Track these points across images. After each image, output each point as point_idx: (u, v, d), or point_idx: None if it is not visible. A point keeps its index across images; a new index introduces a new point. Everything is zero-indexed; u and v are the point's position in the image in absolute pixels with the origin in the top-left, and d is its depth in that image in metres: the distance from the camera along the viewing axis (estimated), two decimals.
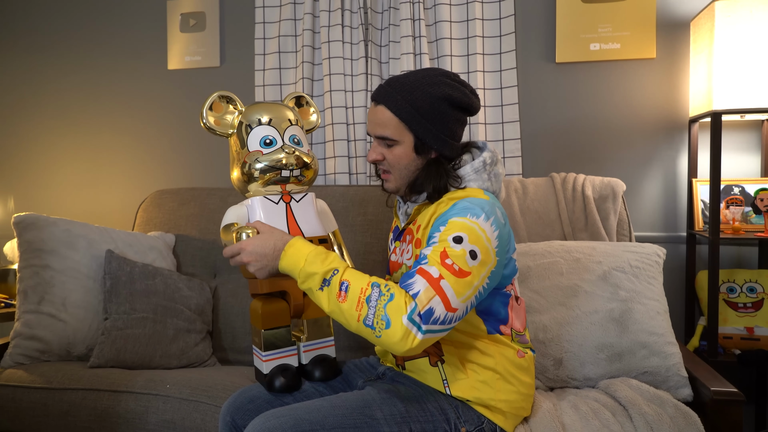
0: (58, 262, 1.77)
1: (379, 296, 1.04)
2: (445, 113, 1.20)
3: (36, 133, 2.62)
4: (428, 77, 1.21)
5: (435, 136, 1.20)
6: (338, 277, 1.07)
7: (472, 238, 1.09)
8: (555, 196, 1.91)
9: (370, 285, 1.06)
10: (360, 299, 1.04)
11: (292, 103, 1.48)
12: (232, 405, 1.28)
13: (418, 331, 1.02)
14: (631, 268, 1.59)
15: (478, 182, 1.22)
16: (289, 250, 1.12)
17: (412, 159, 1.22)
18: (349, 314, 1.05)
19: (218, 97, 1.35)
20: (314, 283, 1.08)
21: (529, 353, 1.27)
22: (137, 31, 2.51)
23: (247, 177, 1.31)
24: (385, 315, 1.03)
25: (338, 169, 2.21)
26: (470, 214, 1.12)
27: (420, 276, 1.06)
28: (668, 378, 1.46)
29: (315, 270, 1.08)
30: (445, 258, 1.07)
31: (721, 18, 1.79)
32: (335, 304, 1.06)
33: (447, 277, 1.05)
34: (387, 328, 1.02)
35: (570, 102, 2.18)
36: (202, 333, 1.84)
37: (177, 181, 2.50)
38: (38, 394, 1.56)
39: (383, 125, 1.21)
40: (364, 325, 1.04)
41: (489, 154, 1.25)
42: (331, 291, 1.06)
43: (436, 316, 1.03)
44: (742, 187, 1.98)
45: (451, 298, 1.05)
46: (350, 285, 1.06)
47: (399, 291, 1.05)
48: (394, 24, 2.18)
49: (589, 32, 2.13)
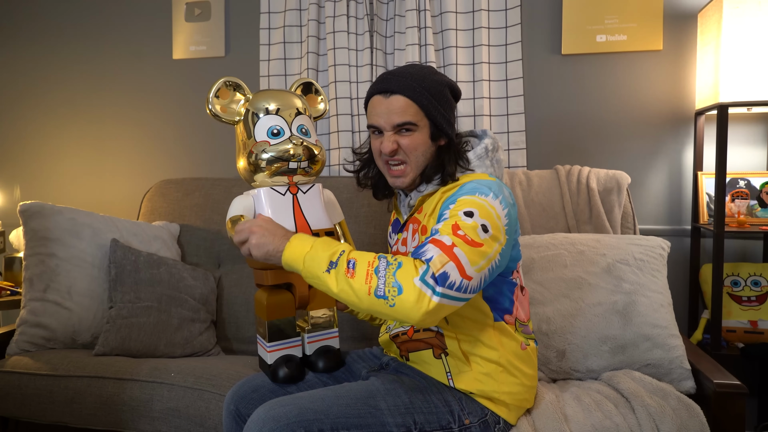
0: (63, 251, 1.78)
1: (387, 265, 1.03)
2: (450, 101, 1.25)
3: (41, 123, 2.62)
4: (425, 68, 1.25)
5: (448, 122, 1.23)
6: (345, 257, 1.05)
7: (482, 213, 1.10)
8: (559, 189, 1.91)
9: (377, 257, 1.05)
10: (368, 272, 1.02)
11: (300, 90, 1.46)
12: (236, 394, 1.29)
13: (433, 294, 1.00)
14: (635, 261, 1.59)
15: (481, 168, 1.24)
16: (295, 241, 1.11)
17: (429, 146, 1.23)
18: (359, 289, 1.02)
19: (225, 83, 1.33)
20: (321, 267, 1.05)
21: (531, 344, 1.27)
22: (142, 20, 2.50)
23: (253, 167, 1.29)
24: (396, 281, 1.00)
25: (343, 159, 2.21)
26: (478, 193, 1.13)
27: (432, 244, 1.05)
28: (671, 370, 1.46)
29: (321, 254, 1.07)
30: (457, 230, 1.06)
31: (729, 10, 1.78)
32: (344, 282, 1.03)
33: (460, 245, 1.04)
34: (399, 294, 1.00)
35: (575, 94, 2.17)
36: (206, 322, 1.85)
37: (182, 171, 2.50)
38: (44, 381, 1.58)
39: (402, 112, 1.20)
40: (375, 296, 1.01)
41: (490, 140, 1.27)
42: (339, 270, 1.04)
43: (451, 281, 1.01)
44: (747, 180, 1.97)
45: (465, 265, 1.03)
46: (357, 261, 1.04)
47: (408, 259, 1.04)
48: (399, 15, 2.17)
49: (595, 24, 2.12)
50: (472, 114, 2.15)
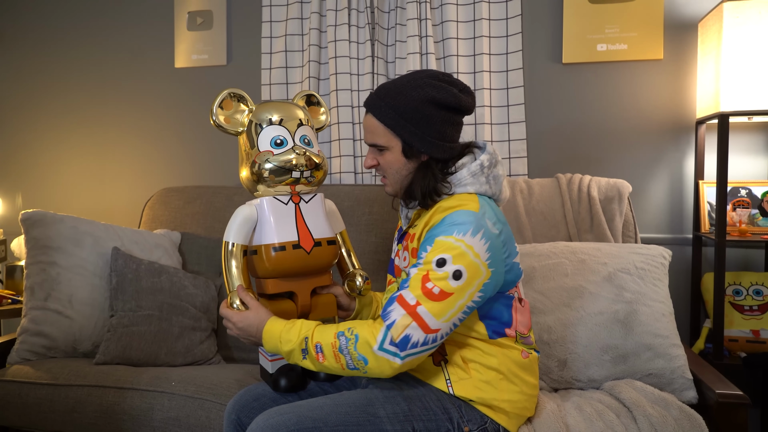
0: (64, 259, 1.78)
1: (346, 342, 1.11)
2: (430, 115, 1.19)
3: (43, 131, 2.64)
4: (413, 80, 1.21)
5: (421, 139, 1.20)
6: (311, 343, 1.14)
7: (456, 259, 1.10)
8: (560, 197, 1.91)
9: (336, 336, 1.13)
10: (334, 353, 1.12)
11: (302, 101, 1.47)
12: (238, 403, 1.28)
13: (395, 358, 1.08)
14: (636, 270, 1.59)
15: (475, 186, 1.22)
16: (265, 336, 1.18)
17: (403, 163, 1.24)
18: (334, 367, 1.13)
19: (229, 94, 1.34)
20: (297, 357, 1.16)
21: (533, 354, 1.27)
22: (145, 28, 2.52)
23: (256, 177, 1.29)
24: (360, 355, 1.10)
25: (344, 168, 2.21)
26: (456, 231, 1.12)
27: (398, 304, 1.11)
28: (673, 380, 1.46)
29: (291, 347, 1.15)
30: (426, 282, 1.11)
31: (730, 19, 1.78)
32: (320, 365, 1.14)
33: (424, 302, 1.09)
34: (367, 364, 1.10)
35: (576, 103, 2.17)
36: (207, 331, 1.85)
37: (183, 179, 2.51)
38: (44, 390, 1.58)
39: (372, 133, 1.24)
40: (349, 369, 1.12)
41: (487, 156, 1.24)
42: (311, 357, 1.14)
43: (414, 341, 1.08)
44: (749, 189, 1.97)
45: (429, 321, 1.09)
46: (322, 344, 1.13)
47: (363, 327, 1.12)
48: (400, 23, 2.18)
49: (596, 33, 2.12)
50: (473, 122, 2.15)
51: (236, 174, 2.46)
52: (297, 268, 1.28)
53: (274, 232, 1.26)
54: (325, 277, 1.35)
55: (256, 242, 1.28)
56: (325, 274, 1.35)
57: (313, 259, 1.29)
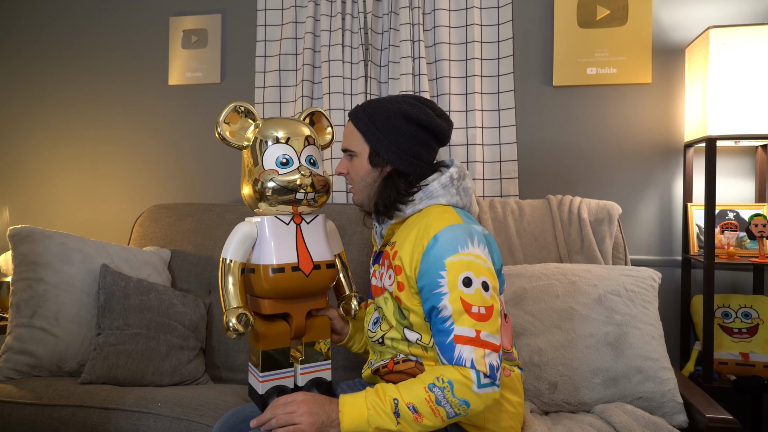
0: (52, 276, 1.76)
1: (443, 392, 1.07)
2: (400, 127, 1.23)
3: (34, 144, 2.62)
4: (396, 97, 1.28)
5: (387, 147, 1.24)
6: (402, 404, 1.08)
7: (477, 272, 1.12)
8: (551, 218, 1.92)
9: (427, 389, 1.08)
10: (432, 407, 1.07)
11: (308, 119, 1.46)
12: (225, 425, 1.26)
13: (494, 387, 1.08)
14: (626, 292, 1.59)
15: (446, 197, 1.24)
16: (345, 409, 1.10)
17: (368, 170, 1.27)
18: (434, 424, 1.08)
19: (236, 108, 1.31)
20: (390, 424, 1.08)
21: (516, 371, 1.26)
22: (140, 45, 2.53)
23: (259, 195, 1.27)
24: (461, 400, 1.07)
25: (336, 187, 2.21)
26: (460, 247, 1.13)
27: (460, 344, 1.08)
28: (663, 404, 1.46)
29: (380, 413, 1.08)
30: (469, 308, 1.09)
31: (716, 45, 1.82)
32: (418, 425, 1.08)
33: (482, 327, 1.09)
34: (469, 407, 1.07)
35: (567, 125, 2.20)
36: (195, 350, 1.83)
37: (174, 196, 2.50)
38: (27, 410, 1.54)
39: (347, 138, 1.31)
40: (449, 419, 1.08)
41: (456, 169, 1.27)
42: (406, 419, 1.08)
43: (496, 364, 1.09)
44: (736, 212, 1.99)
45: (494, 340, 1.09)
46: (416, 404, 1.08)
47: (450, 371, 1.08)
48: (393, 44, 2.20)
49: (586, 56, 2.16)
50: (465, 143, 2.17)
51: (228, 191, 2.45)
52: (295, 290, 1.26)
53: (273, 252, 1.24)
54: (322, 299, 1.34)
55: (254, 261, 1.26)
56: (321, 296, 1.34)
57: (311, 282, 1.27)
